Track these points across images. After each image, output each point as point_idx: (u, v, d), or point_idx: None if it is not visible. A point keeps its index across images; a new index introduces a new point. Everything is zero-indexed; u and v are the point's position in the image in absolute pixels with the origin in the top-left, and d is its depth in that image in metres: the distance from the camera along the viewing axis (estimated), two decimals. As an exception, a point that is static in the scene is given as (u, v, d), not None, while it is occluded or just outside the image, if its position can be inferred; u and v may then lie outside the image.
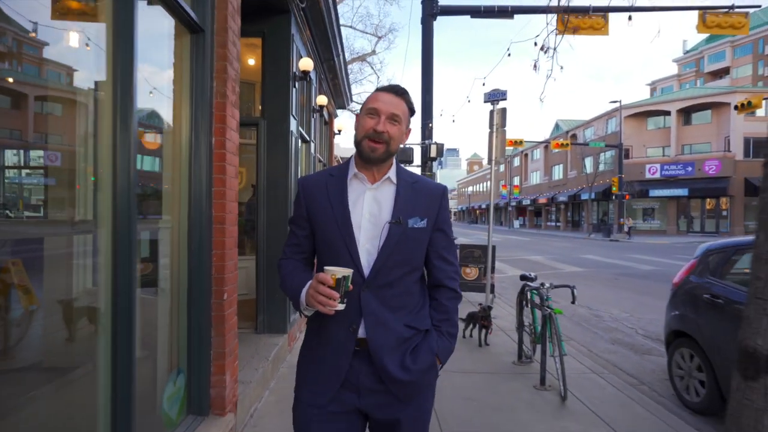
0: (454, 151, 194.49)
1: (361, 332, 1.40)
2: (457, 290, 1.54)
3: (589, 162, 36.03)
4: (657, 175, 32.43)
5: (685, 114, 33.55)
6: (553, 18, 6.29)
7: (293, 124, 4.84)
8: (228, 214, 2.67)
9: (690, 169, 31.12)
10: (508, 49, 5.94)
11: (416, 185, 1.50)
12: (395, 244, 1.40)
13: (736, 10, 11.03)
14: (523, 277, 4.49)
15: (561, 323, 4.08)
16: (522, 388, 3.90)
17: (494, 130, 6.34)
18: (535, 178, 51.83)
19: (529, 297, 4.35)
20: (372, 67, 24.58)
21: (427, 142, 10.41)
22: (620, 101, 30.31)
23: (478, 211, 73.69)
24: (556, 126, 48.63)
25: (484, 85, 8.59)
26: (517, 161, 56.71)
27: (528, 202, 50.99)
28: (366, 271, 1.40)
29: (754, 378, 1.78)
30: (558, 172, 45.62)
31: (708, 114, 32.36)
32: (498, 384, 4.01)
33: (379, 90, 1.48)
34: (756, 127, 30.03)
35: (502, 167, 61.34)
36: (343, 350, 1.41)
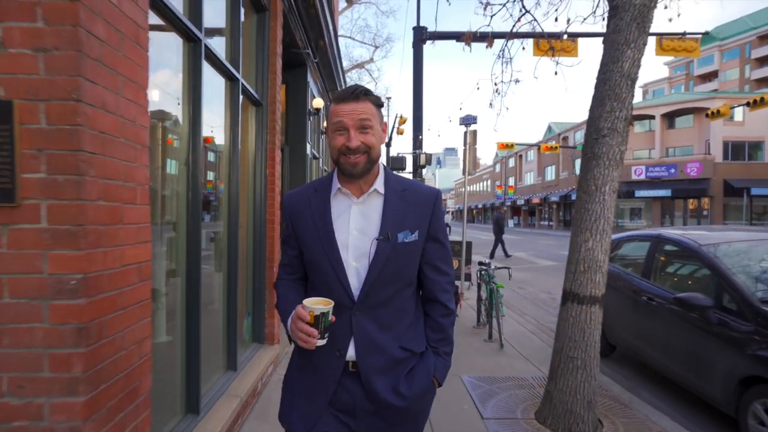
0: (452, 151, 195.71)
1: (351, 354, 1.33)
2: (450, 306, 1.46)
3: (578, 163, 37.66)
4: (642, 177, 34.02)
5: (669, 118, 35.15)
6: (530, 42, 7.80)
7: (308, 148, 6.39)
8: (275, 217, 4.20)
9: (673, 170, 32.71)
10: (477, 84, 7.41)
11: (406, 193, 1.39)
12: (385, 261, 1.31)
13: (688, 36, 12.60)
14: (480, 263, 6.04)
15: (523, 303, 5.65)
16: (476, 341, 5.45)
17: (467, 147, 7.88)
18: (529, 178, 53.41)
19: (482, 276, 5.89)
20: (370, 75, 26.05)
21: (417, 152, 11.96)
22: (606, 106, 31.87)
23: (474, 211, 75.32)
24: (549, 128, 50.24)
25: (461, 109, 10.10)
26: (512, 162, 58.29)
27: (522, 202, 52.58)
28: (356, 293, 1.32)
29: (563, 303, 3.32)
30: (550, 173, 47.22)
31: (690, 118, 33.96)
32: (460, 340, 5.54)
33: (337, 101, 1.32)
34: (733, 131, 31.69)
35: (497, 168, 63.03)
36: (329, 374, 1.34)
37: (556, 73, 6.01)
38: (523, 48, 6.25)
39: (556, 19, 9.11)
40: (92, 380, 1.42)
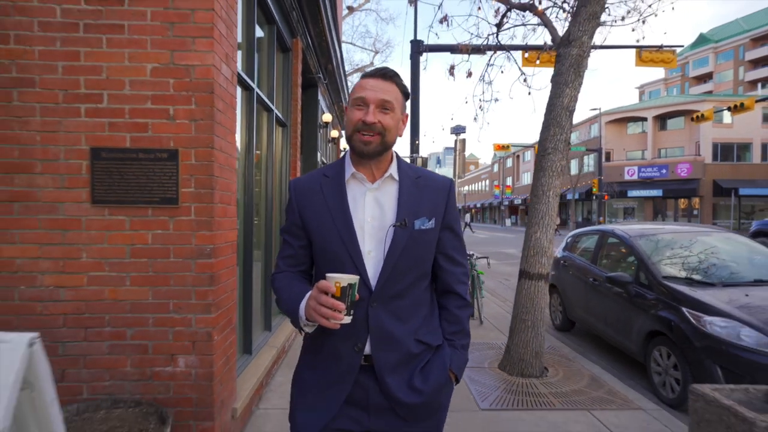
0: (452, 150, 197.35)
1: (367, 348, 1.27)
2: (466, 297, 1.42)
3: (574, 164, 38.75)
4: (635, 177, 35.08)
5: (661, 120, 36.19)
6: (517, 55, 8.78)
7: (318, 156, 7.46)
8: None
9: (664, 171, 33.77)
10: (465, 99, 8.42)
11: (420, 180, 1.35)
12: (402, 249, 1.27)
13: (664, 48, 13.65)
14: (465, 254, 7.12)
15: (507, 292, 6.68)
16: (460, 319, 6.53)
17: (457, 154, 8.96)
18: (527, 178, 54.42)
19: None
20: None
21: (414, 155, 13.03)
22: (600, 109, 32.93)
23: (473, 210, 76.35)
24: (546, 129, 51.15)
25: (452, 119, 11.22)
26: (509, 162, 59.33)
27: (519, 201, 53.62)
28: (373, 282, 1.26)
29: (519, 279, 4.38)
30: (547, 173, 48.19)
31: (681, 120, 35.01)
32: (447, 318, 6.65)
33: (365, 76, 1.30)
34: (723, 133, 32.74)
35: (495, 168, 64.12)
36: (347, 371, 1.28)
37: (529, 94, 7.05)
38: (502, 71, 7.27)
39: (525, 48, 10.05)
40: (217, 306, 2.49)
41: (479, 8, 14.01)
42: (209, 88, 2.40)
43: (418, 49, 13.75)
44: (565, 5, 5.33)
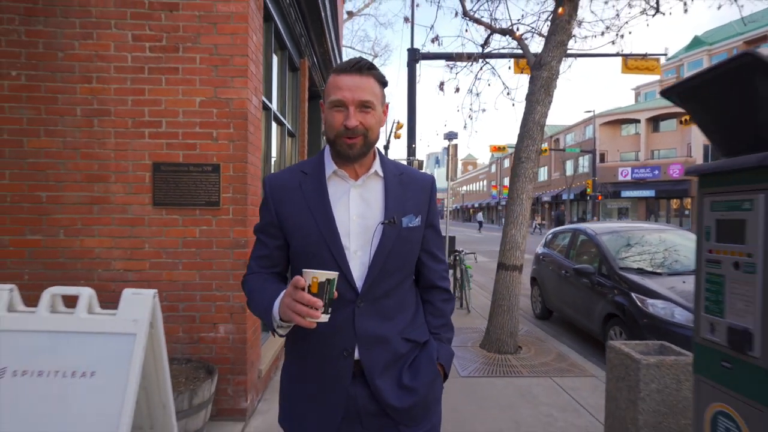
0: (456, 146, 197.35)
1: (356, 353, 1.21)
2: (449, 291, 1.41)
3: (570, 164, 39.51)
4: (628, 178, 35.81)
5: (654, 122, 36.94)
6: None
7: (322, 161, 8.16)
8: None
9: (657, 172, 34.51)
10: (458, 109, 9.11)
11: (403, 177, 1.31)
12: (390, 248, 1.22)
13: (649, 56, 14.38)
14: (453, 251, 7.81)
15: (490, 284, 7.34)
16: (450, 309, 7.23)
17: (449, 158, 9.65)
18: (523, 179, 55.03)
19: (455, 260, 7.67)
20: (370, 82, 27.57)
21: (411, 158, 13.73)
22: (594, 111, 33.70)
23: (471, 210, 77.06)
24: (542, 130, 51.89)
25: (445, 125, 11.92)
26: (507, 163, 60.05)
27: (516, 201, 54.28)
28: (359, 283, 1.21)
29: (497, 270, 5.08)
30: (543, 174, 48.98)
31: (673, 122, 35.74)
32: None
33: (339, 71, 1.20)
34: (714, 135, 33.45)
35: (493, 168, 64.88)
36: (339, 379, 1.21)
37: (513, 105, 7.76)
38: (489, 84, 7.95)
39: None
40: (248, 285, 3.18)
41: (467, 30, 14.72)
42: (244, 116, 3.09)
43: (414, 57, 14.48)
44: (542, 31, 6.03)
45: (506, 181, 60.13)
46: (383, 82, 1.25)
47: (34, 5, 2.94)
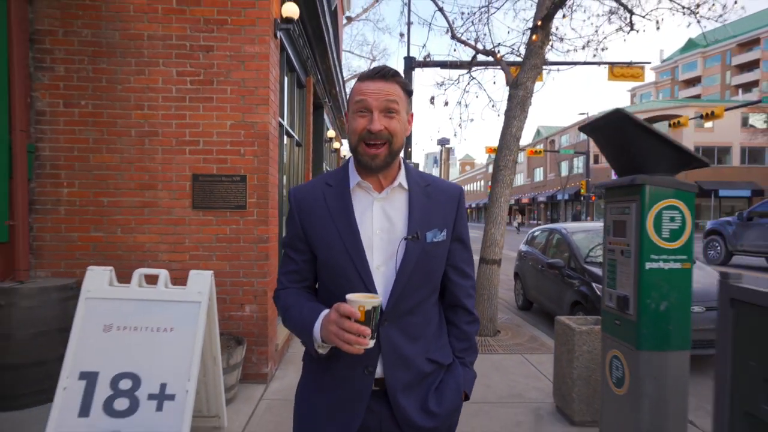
0: (450, 150, 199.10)
1: (379, 371, 1.20)
2: (474, 312, 1.36)
3: (565, 165, 40.31)
4: (621, 179, 36.59)
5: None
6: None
7: (324, 166, 8.89)
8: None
9: (649, 173, 35.29)
10: (450, 117, 9.75)
11: (429, 189, 1.27)
12: (415, 263, 1.19)
13: (633, 64, 15.16)
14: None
15: None
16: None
17: (441, 163, 10.38)
18: (519, 179, 55.98)
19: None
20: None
21: (407, 161, 14.53)
22: (587, 113, 34.47)
23: (469, 210, 77.90)
24: (537, 132, 52.81)
25: (438, 132, 12.72)
26: (503, 163, 60.72)
27: (513, 202, 55.17)
28: (384, 299, 1.18)
29: (479, 265, 5.81)
30: (539, 175, 49.82)
31: (665, 124, 36.54)
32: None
33: (363, 78, 1.19)
34: (704, 137, 34.31)
35: (490, 168, 65.66)
36: (358, 396, 1.20)
37: (498, 116, 8.46)
38: (477, 96, 8.70)
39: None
40: (269, 273, 3.91)
41: (455, 50, 15.50)
42: (266, 136, 3.82)
43: (410, 65, 15.21)
44: (519, 52, 6.77)
45: (503, 182, 61.13)
46: (408, 90, 1.22)
47: (99, 48, 3.67)
